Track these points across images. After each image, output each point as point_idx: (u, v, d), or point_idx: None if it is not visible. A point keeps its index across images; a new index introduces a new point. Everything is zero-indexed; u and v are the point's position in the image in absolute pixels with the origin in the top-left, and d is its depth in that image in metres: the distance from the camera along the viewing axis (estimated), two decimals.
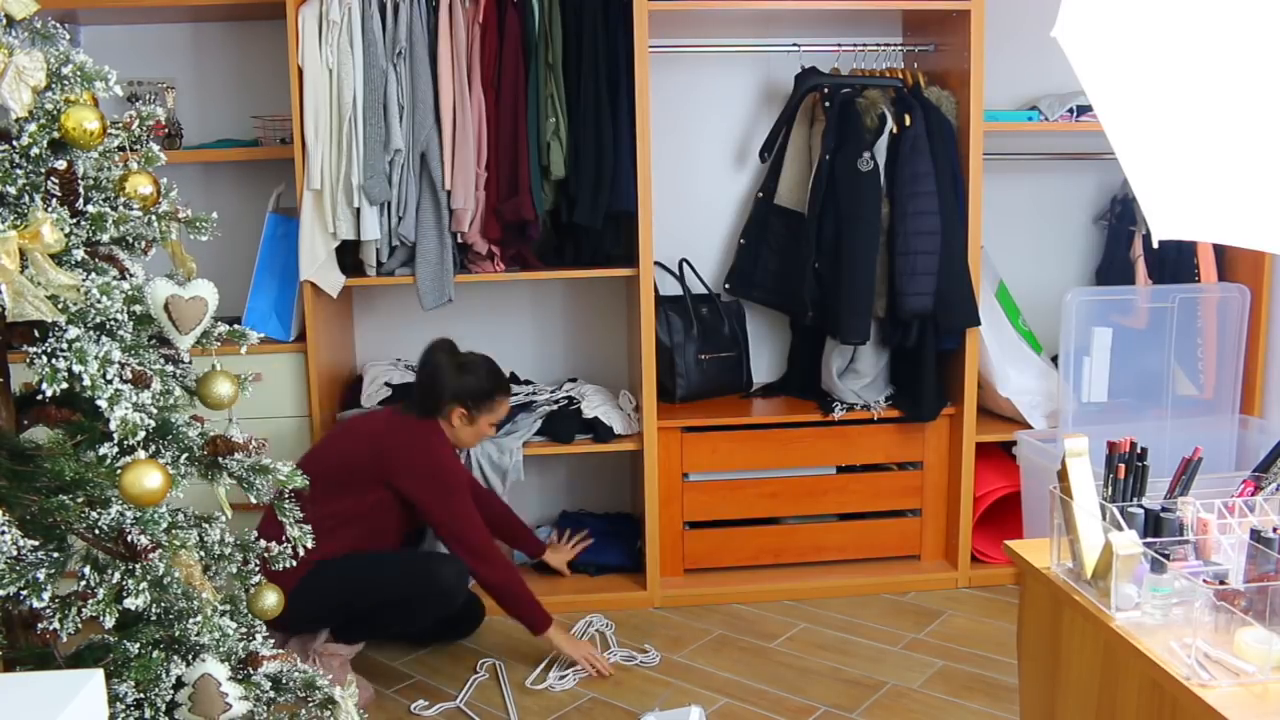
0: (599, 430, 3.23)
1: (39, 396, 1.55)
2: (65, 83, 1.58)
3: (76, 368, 1.49)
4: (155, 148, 1.75)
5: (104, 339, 1.55)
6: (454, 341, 2.86)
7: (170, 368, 1.70)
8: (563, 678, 2.79)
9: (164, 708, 1.62)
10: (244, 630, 1.79)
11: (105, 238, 1.62)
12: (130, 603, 1.53)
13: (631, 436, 3.26)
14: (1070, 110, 3.31)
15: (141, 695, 1.61)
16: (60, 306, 1.51)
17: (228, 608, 1.77)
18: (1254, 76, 1.43)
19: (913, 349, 3.22)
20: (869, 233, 3.11)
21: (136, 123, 1.74)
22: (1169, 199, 1.54)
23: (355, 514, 2.67)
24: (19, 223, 1.48)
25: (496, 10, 3.02)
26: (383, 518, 2.73)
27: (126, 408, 1.51)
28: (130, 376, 1.54)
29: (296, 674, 1.84)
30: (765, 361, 3.68)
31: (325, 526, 2.52)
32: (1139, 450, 1.73)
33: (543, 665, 2.85)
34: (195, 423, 1.71)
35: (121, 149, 1.71)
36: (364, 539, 2.70)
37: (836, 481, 3.34)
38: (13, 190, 1.53)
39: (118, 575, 1.54)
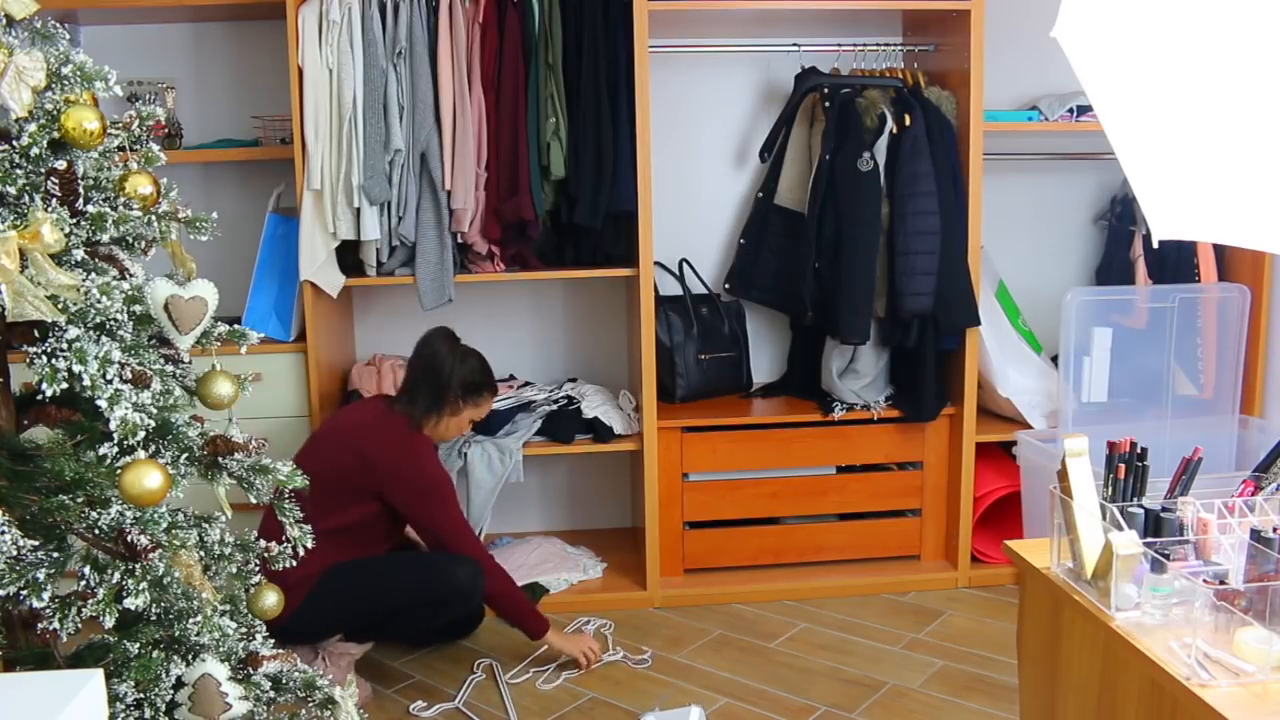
0: (599, 430, 3.23)
1: (39, 396, 1.55)
2: (65, 83, 1.58)
3: (76, 368, 1.49)
4: (155, 148, 1.76)
5: (104, 339, 1.55)
6: (451, 330, 2.82)
7: (170, 368, 1.70)
8: (545, 673, 2.79)
9: (164, 708, 1.62)
10: (244, 630, 1.79)
11: (105, 238, 1.62)
12: (130, 603, 1.53)
13: (631, 437, 3.26)
14: (1070, 110, 3.31)
15: (141, 695, 1.62)
16: (60, 306, 1.51)
17: (228, 608, 1.77)
18: (1254, 77, 1.43)
19: (913, 349, 3.22)
20: (869, 233, 3.11)
21: (136, 123, 1.74)
22: (1169, 199, 1.54)
23: (345, 526, 2.63)
24: (19, 223, 1.48)
25: (496, 10, 3.02)
26: (372, 528, 2.71)
27: (126, 408, 1.51)
28: (130, 376, 1.54)
29: (296, 674, 1.84)
30: (765, 361, 3.68)
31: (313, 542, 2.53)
32: (1139, 450, 1.73)
33: (552, 667, 2.85)
34: (195, 423, 1.71)
35: (121, 149, 1.71)
36: (355, 550, 2.68)
37: (836, 481, 3.34)
38: (13, 190, 1.54)
39: (118, 575, 1.54)
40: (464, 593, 2.70)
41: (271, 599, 1.87)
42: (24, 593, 1.48)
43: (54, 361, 1.50)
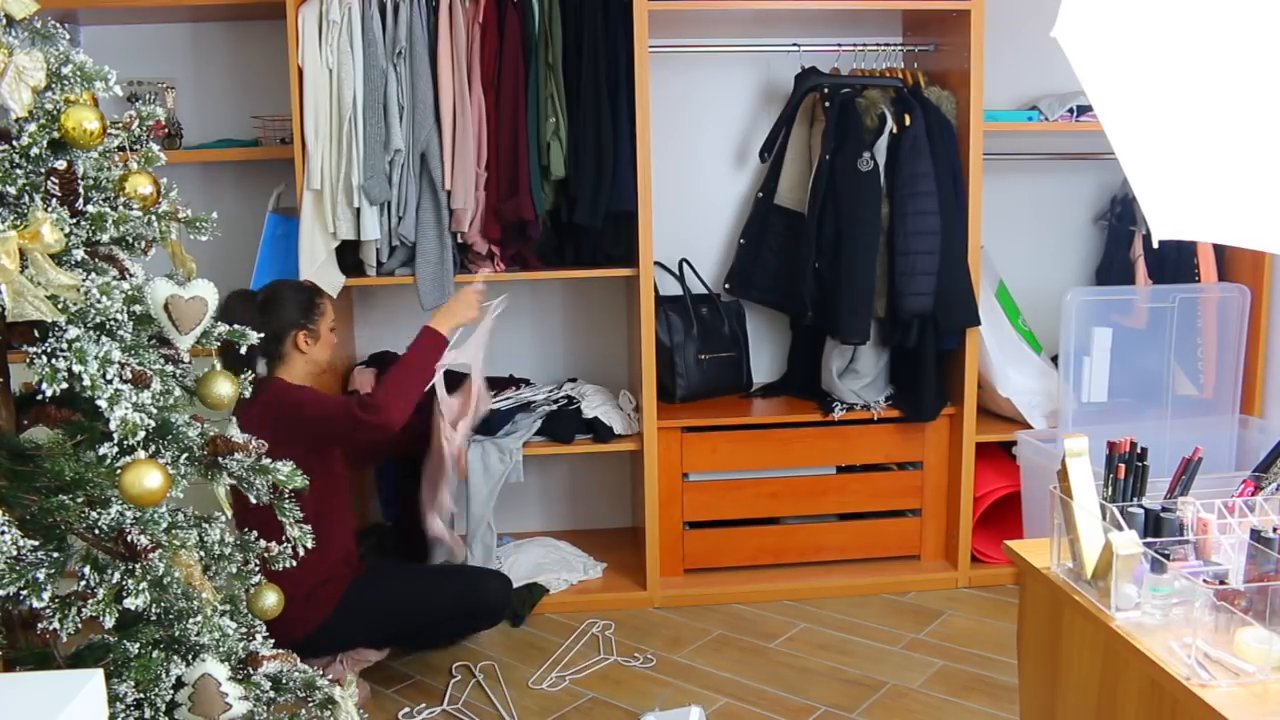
0: (599, 430, 3.23)
1: (39, 396, 1.55)
2: (65, 83, 1.58)
3: (76, 368, 1.49)
4: (155, 148, 1.76)
5: (104, 339, 1.55)
6: (243, 289, 2.70)
7: (170, 368, 1.70)
8: (545, 673, 2.79)
9: (164, 708, 1.62)
10: (244, 630, 1.79)
11: (105, 238, 1.62)
12: (130, 603, 1.53)
13: (631, 436, 3.26)
14: (1070, 110, 3.31)
15: (141, 695, 1.61)
16: (60, 306, 1.51)
17: (228, 608, 1.77)
18: (1254, 77, 1.43)
19: (913, 349, 3.22)
20: (869, 233, 3.11)
21: (136, 123, 1.74)
22: (1169, 199, 1.54)
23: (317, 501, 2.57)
24: (19, 223, 1.48)
25: (496, 10, 3.02)
26: (330, 495, 2.63)
27: (126, 408, 1.51)
28: (130, 376, 1.54)
29: (296, 674, 1.84)
30: (765, 361, 3.68)
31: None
32: (1139, 450, 1.73)
33: (551, 663, 2.86)
34: (195, 423, 1.71)
35: (121, 149, 1.71)
36: (334, 519, 2.61)
37: (836, 481, 3.34)
38: (13, 190, 1.53)
39: (118, 575, 1.54)
40: (493, 607, 2.82)
41: (271, 599, 1.87)
42: (24, 593, 1.48)
43: (54, 361, 1.50)
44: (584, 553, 3.47)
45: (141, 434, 1.52)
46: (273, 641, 1.87)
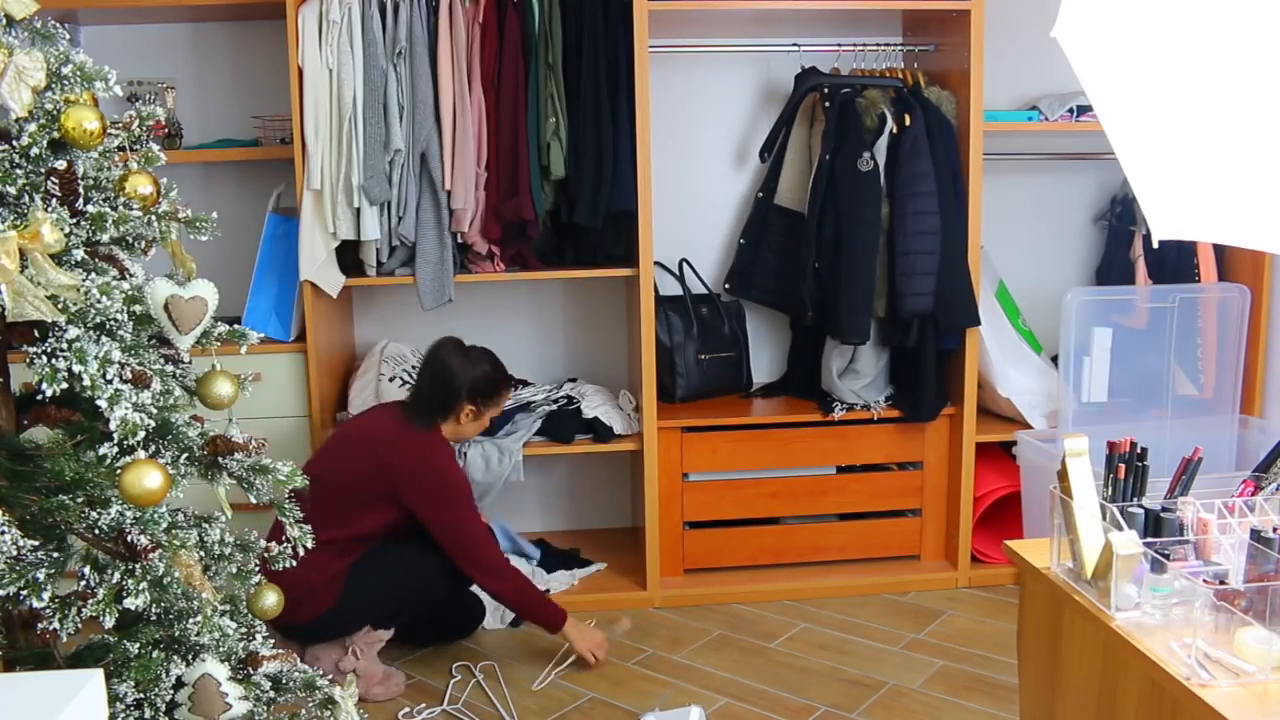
0: (599, 430, 3.23)
1: (39, 396, 1.55)
2: (65, 83, 1.58)
3: (76, 368, 1.49)
4: (155, 148, 1.76)
5: (104, 339, 1.55)
6: (457, 340, 2.84)
7: (170, 368, 1.70)
8: (545, 674, 2.80)
9: (164, 708, 1.62)
10: (244, 630, 1.79)
11: (105, 238, 1.62)
12: (130, 603, 1.53)
13: (631, 436, 3.26)
14: (1070, 110, 3.31)
15: (141, 695, 1.62)
16: (60, 306, 1.51)
17: (228, 608, 1.77)
18: (1254, 77, 1.43)
19: (913, 349, 3.22)
20: (869, 233, 3.11)
21: (136, 123, 1.74)
22: (1169, 199, 1.54)
23: (369, 533, 2.67)
24: (19, 223, 1.48)
25: (496, 10, 3.02)
26: (395, 535, 2.73)
27: (126, 408, 1.51)
28: (130, 376, 1.54)
29: (296, 674, 1.84)
30: (765, 361, 3.68)
31: (336, 548, 2.56)
32: (1139, 450, 1.73)
33: (550, 669, 2.86)
34: (195, 423, 1.71)
35: (121, 149, 1.71)
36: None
37: (836, 481, 3.34)
38: (13, 190, 1.54)
39: (118, 575, 1.54)
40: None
41: (271, 599, 1.87)
42: (24, 593, 1.48)
43: (54, 361, 1.50)
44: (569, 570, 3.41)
45: (141, 434, 1.52)
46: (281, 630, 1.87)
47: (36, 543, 1.51)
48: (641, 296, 3.12)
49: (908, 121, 3.10)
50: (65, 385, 1.50)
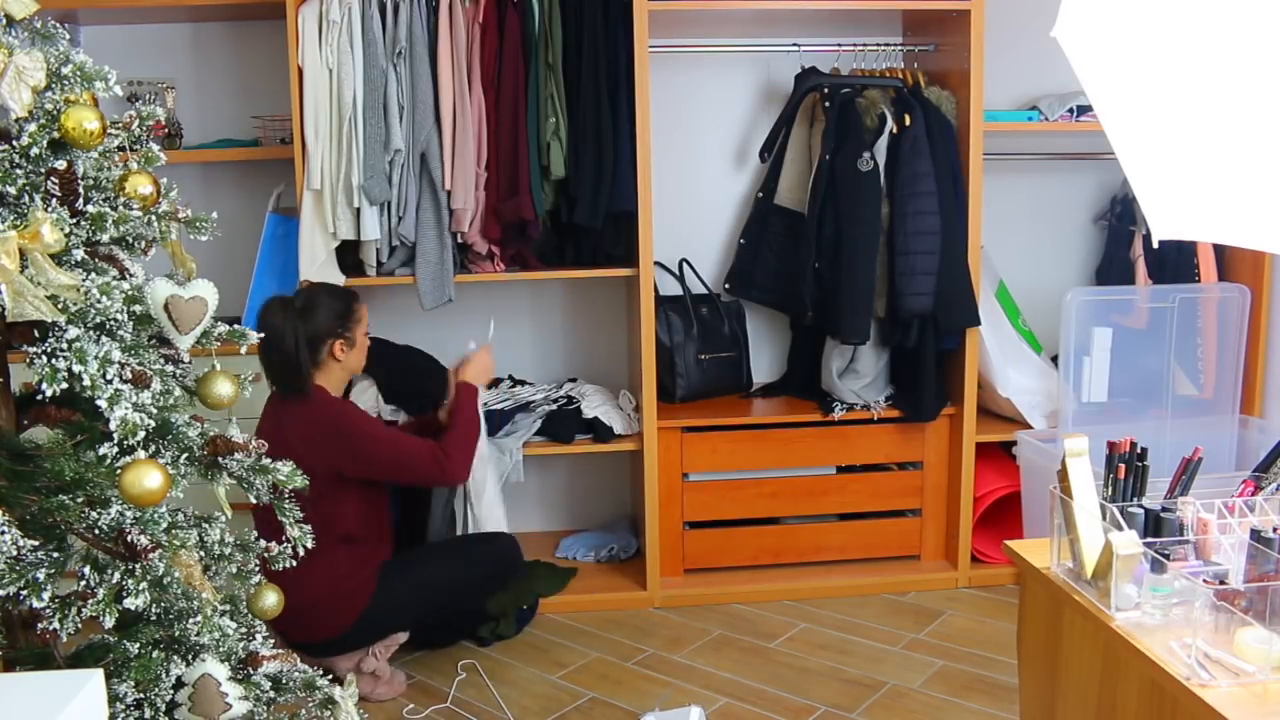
0: (599, 430, 3.23)
1: (39, 396, 1.55)
2: (65, 83, 1.58)
3: (76, 368, 1.49)
4: (155, 148, 1.76)
5: (104, 339, 1.55)
6: (282, 296, 2.68)
7: (170, 368, 1.70)
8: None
9: (164, 708, 1.62)
10: (244, 630, 1.79)
11: (105, 238, 1.62)
12: (130, 603, 1.53)
13: (631, 436, 3.26)
14: (1070, 110, 3.31)
15: (141, 695, 1.62)
16: (60, 306, 1.51)
17: (228, 608, 1.77)
18: (1254, 77, 1.43)
19: (913, 349, 3.22)
20: (869, 233, 3.11)
21: (136, 123, 1.74)
22: (1169, 199, 1.54)
23: (350, 531, 2.61)
24: (19, 223, 1.48)
25: (496, 10, 3.02)
26: (371, 522, 2.69)
27: (126, 408, 1.51)
28: (130, 376, 1.54)
29: (296, 674, 1.84)
30: (765, 361, 3.68)
31: (338, 552, 2.55)
32: (1139, 450, 1.73)
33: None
34: (195, 423, 1.71)
35: (121, 149, 1.71)
36: (368, 549, 2.68)
37: (836, 481, 3.34)
38: (13, 190, 1.53)
39: (118, 575, 1.54)
40: (513, 560, 2.89)
41: (271, 599, 1.87)
42: (24, 593, 1.48)
43: (54, 361, 1.50)
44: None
45: (141, 434, 1.52)
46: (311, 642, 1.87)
47: (36, 543, 1.51)
48: (641, 296, 3.12)
49: (908, 121, 3.11)
50: (65, 385, 1.49)
